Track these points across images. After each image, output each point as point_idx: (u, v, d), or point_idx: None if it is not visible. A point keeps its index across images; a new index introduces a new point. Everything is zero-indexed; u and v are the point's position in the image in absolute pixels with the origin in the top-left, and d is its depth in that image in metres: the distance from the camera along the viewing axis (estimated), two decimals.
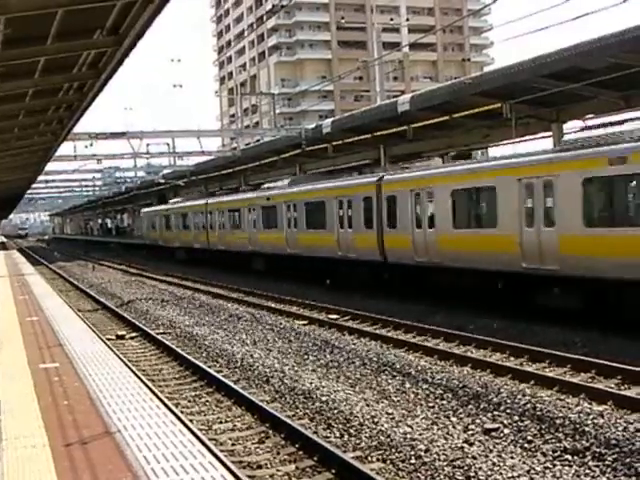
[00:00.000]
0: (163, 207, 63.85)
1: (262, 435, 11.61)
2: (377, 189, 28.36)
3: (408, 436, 11.03)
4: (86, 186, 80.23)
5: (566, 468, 9.65)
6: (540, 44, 49.63)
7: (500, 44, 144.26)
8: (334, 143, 38.54)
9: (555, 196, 19.65)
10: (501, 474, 9.47)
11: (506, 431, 11.18)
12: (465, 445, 10.61)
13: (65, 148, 37.22)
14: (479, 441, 10.79)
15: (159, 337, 20.98)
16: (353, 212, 30.12)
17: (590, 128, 20.65)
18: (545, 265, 20.06)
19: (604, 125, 19.73)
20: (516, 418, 11.72)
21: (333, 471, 9.85)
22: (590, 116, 27.07)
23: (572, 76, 23.41)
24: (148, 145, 44.52)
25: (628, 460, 9.69)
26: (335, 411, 12.58)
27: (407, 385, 14.34)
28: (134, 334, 22.60)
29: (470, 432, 11.24)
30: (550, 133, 28.60)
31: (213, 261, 49.42)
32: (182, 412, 12.00)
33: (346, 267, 31.35)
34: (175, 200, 62.33)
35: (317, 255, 33.29)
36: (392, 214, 27.39)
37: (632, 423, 11.11)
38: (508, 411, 12.12)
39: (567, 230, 19.32)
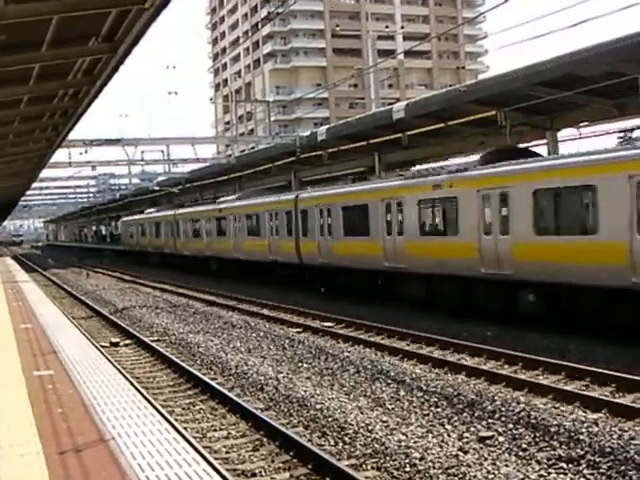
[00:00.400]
0: (139, 217, 70.99)
1: (256, 443, 11.59)
2: (295, 204, 34.80)
3: (403, 444, 11.02)
4: (80, 193, 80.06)
5: (561, 476, 9.65)
6: (535, 52, 49.77)
7: (495, 52, 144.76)
8: (329, 150, 38.51)
9: (403, 213, 26.50)
10: None
11: (501, 439, 11.18)
12: (460, 453, 10.61)
13: (60, 155, 37.32)
14: (474, 449, 10.78)
15: (153, 344, 20.95)
16: (279, 223, 36.88)
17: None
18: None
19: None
20: (511, 426, 11.72)
21: (328, 479, 9.84)
22: (584, 124, 27.20)
23: (566, 84, 23.45)
24: (143, 152, 44.50)
25: (623, 468, 9.69)
26: (329, 419, 12.57)
27: (401, 393, 14.33)
28: (128, 341, 22.56)
29: (465, 440, 11.24)
30: (545, 140, 28.64)
31: (180, 264, 55.97)
32: (176, 420, 11.96)
33: (276, 268, 37.68)
34: (149, 210, 68.26)
35: (255, 259, 40.30)
36: (305, 225, 33.98)
37: (627, 431, 11.12)
38: (503, 419, 12.12)
39: (410, 237, 26.06)
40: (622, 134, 20.14)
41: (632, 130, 19.89)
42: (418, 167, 27.19)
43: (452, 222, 23.89)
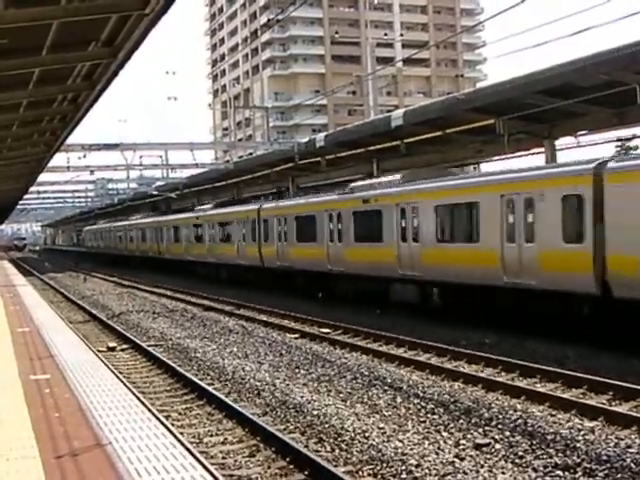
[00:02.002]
0: (97, 227, 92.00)
1: (253, 448, 11.58)
2: (258, 214, 39.08)
3: (399, 451, 11.01)
4: (79, 197, 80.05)
5: None
6: (533, 60, 49.93)
7: (493, 60, 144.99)
8: (327, 157, 38.57)
9: (342, 222, 30.49)
10: None
11: (497, 446, 11.18)
12: (456, 460, 10.61)
13: (58, 159, 37.37)
14: (470, 456, 10.78)
15: (150, 349, 20.94)
16: (246, 230, 40.78)
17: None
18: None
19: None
20: (507, 433, 11.72)
21: None
22: (583, 132, 27.24)
23: (565, 93, 23.50)
24: (141, 157, 44.53)
25: (619, 476, 9.70)
26: (326, 425, 12.56)
27: (398, 399, 14.32)
28: (125, 346, 22.54)
29: (461, 447, 11.24)
30: (543, 149, 28.68)
31: (132, 263, 68.63)
32: (173, 425, 11.96)
33: (243, 270, 42.27)
34: (106, 220, 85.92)
35: (226, 262, 44.90)
36: (266, 232, 37.94)
37: (623, 439, 11.14)
38: (499, 426, 12.12)
39: (349, 244, 30.11)
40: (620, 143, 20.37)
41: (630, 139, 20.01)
42: (353, 184, 31.91)
43: (378, 231, 27.91)
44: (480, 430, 12.04)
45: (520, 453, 10.82)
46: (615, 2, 19.16)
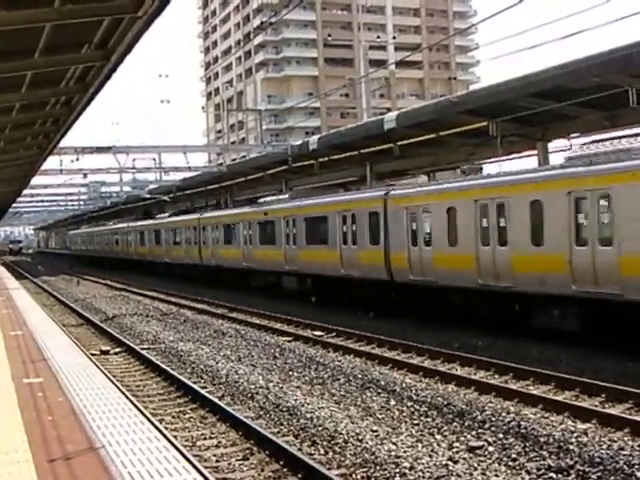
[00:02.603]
0: (79, 231, 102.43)
1: (247, 452, 11.58)
2: (198, 222, 47.87)
3: (393, 453, 11.02)
4: (71, 200, 79.95)
5: None
6: (526, 63, 50.01)
7: (486, 63, 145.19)
8: (320, 160, 38.58)
9: (252, 229, 38.15)
10: None
11: (490, 449, 11.19)
12: (450, 463, 10.61)
13: (51, 162, 37.31)
14: (463, 459, 10.79)
15: (144, 352, 20.91)
16: (188, 235, 49.91)
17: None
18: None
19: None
20: (500, 436, 11.73)
21: None
22: (575, 135, 27.29)
23: (558, 95, 23.55)
24: (134, 160, 44.47)
25: (612, 478, 9.73)
26: (320, 428, 12.56)
27: (392, 402, 14.33)
28: (118, 349, 22.52)
29: (455, 450, 11.25)
30: (535, 151, 28.74)
31: (107, 264, 77.86)
32: (166, 428, 11.95)
33: (190, 268, 50.53)
34: (86, 226, 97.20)
35: (178, 262, 52.88)
36: (205, 237, 46.44)
37: (616, 441, 11.16)
38: (493, 429, 12.13)
39: (256, 246, 38.33)
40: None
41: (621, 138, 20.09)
42: (262, 199, 40.66)
43: (271, 236, 36.18)
44: (473, 432, 12.05)
45: (513, 455, 10.84)
46: (608, 5, 19.20)
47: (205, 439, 12.44)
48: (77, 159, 39.58)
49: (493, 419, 12.63)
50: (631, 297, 17.27)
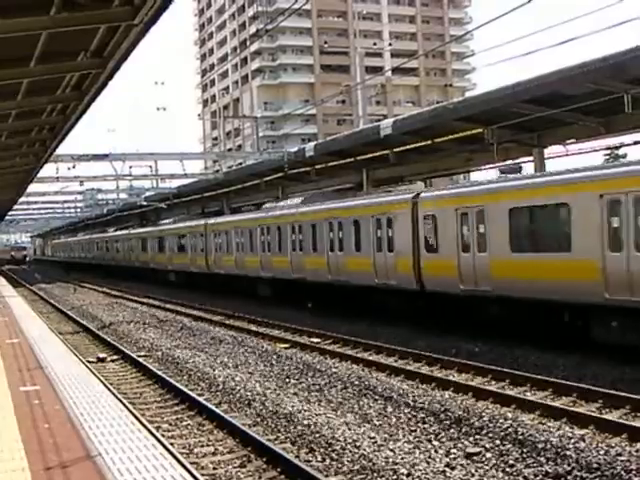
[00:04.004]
0: (60, 240, 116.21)
1: (244, 459, 11.56)
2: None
3: (390, 460, 11.01)
4: (68, 208, 79.90)
5: None
6: (522, 69, 50.10)
7: (482, 69, 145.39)
8: (317, 167, 38.59)
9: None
10: None
11: (488, 455, 11.18)
12: (447, 469, 10.61)
13: (47, 170, 37.32)
14: (461, 465, 10.79)
15: (140, 360, 20.89)
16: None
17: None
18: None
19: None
20: (498, 442, 11.73)
21: None
22: (571, 141, 27.35)
23: (553, 102, 23.60)
24: (131, 167, 44.39)
25: None
26: (317, 435, 12.55)
27: (389, 409, 14.32)
28: (115, 357, 22.49)
29: (452, 456, 11.24)
30: (532, 158, 28.79)
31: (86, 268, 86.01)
32: (163, 435, 11.92)
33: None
34: (66, 236, 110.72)
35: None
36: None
37: (613, 447, 11.15)
38: (490, 435, 12.13)
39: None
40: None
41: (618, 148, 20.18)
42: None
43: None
44: (471, 439, 12.04)
45: (511, 462, 10.83)
46: (603, 11, 19.27)
47: (202, 446, 12.42)
48: (73, 166, 39.53)
49: (490, 425, 12.62)
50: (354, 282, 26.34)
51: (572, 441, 11.47)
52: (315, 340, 23.91)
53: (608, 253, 17.79)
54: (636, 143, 20.48)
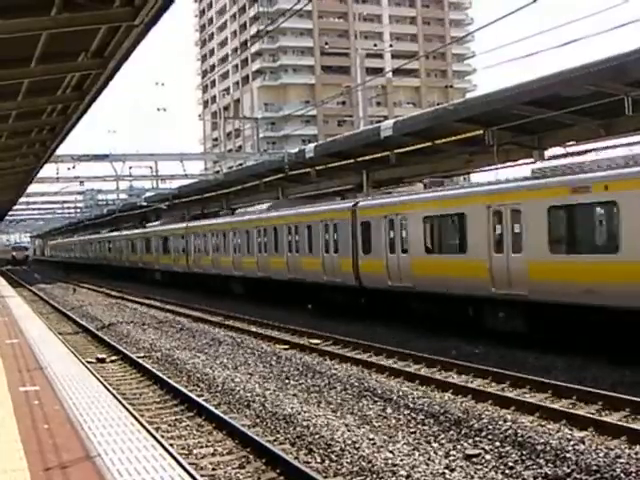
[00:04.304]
0: (55, 241, 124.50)
1: (243, 460, 11.55)
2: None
3: (389, 461, 11.00)
4: (68, 208, 79.93)
5: None
6: (523, 71, 49.93)
7: (483, 71, 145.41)
8: (317, 168, 38.59)
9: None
10: None
11: (487, 457, 11.18)
12: (446, 471, 10.60)
13: (47, 170, 37.34)
14: (460, 467, 10.78)
15: (140, 360, 20.88)
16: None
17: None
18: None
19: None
20: (497, 444, 11.72)
21: None
22: (571, 143, 27.33)
23: (553, 103, 23.60)
24: (131, 168, 44.42)
25: None
26: (316, 436, 12.54)
27: (388, 410, 14.32)
28: (115, 357, 22.49)
29: (451, 458, 11.23)
30: (532, 159, 28.77)
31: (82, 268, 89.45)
32: (162, 436, 11.92)
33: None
34: (62, 237, 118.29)
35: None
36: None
37: (613, 449, 11.14)
38: (489, 437, 12.12)
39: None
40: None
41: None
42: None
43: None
44: (470, 441, 12.04)
45: (510, 464, 10.82)
46: (604, 13, 19.27)
47: (201, 447, 12.41)
48: (74, 167, 39.57)
49: (490, 427, 12.62)
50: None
51: (572, 443, 11.47)
52: (315, 341, 23.90)
53: (493, 255, 21.55)
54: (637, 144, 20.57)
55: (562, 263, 19.36)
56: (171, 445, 11.15)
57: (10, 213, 74.62)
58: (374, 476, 10.48)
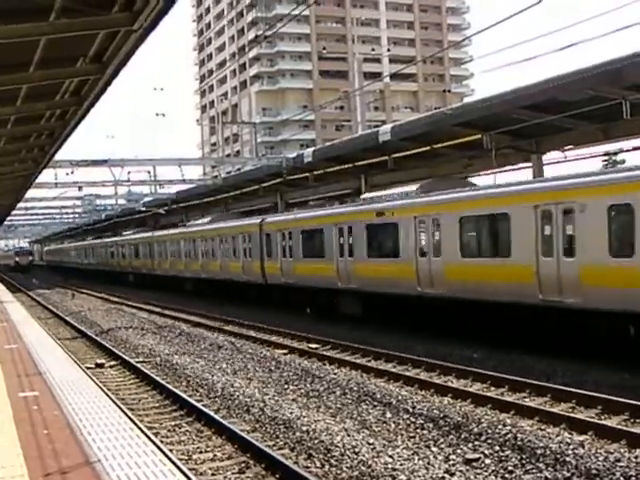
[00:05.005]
0: (52, 247, 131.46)
1: (242, 465, 11.54)
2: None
3: (389, 466, 10.99)
4: (66, 213, 79.91)
5: None
6: (520, 75, 50.06)
7: (480, 75, 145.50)
8: (315, 172, 38.61)
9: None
10: None
11: (487, 461, 11.17)
12: (446, 475, 10.60)
13: (46, 175, 37.26)
14: (460, 471, 10.78)
15: (139, 366, 20.87)
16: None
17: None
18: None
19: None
20: (497, 448, 11.72)
21: None
22: (569, 147, 27.36)
23: (551, 108, 23.62)
24: (129, 173, 44.41)
25: None
26: (316, 441, 12.53)
27: (388, 415, 14.31)
28: (114, 362, 22.46)
29: (451, 462, 11.22)
30: (530, 164, 28.80)
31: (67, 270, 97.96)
32: (162, 441, 11.91)
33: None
34: (56, 243, 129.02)
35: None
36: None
37: (612, 453, 11.14)
38: (489, 441, 12.11)
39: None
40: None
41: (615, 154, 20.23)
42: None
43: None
44: (470, 445, 12.03)
45: (510, 468, 10.82)
46: (604, 16, 19.27)
47: (201, 452, 12.40)
48: (72, 172, 39.58)
49: (489, 431, 12.61)
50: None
51: (571, 447, 11.47)
52: (314, 346, 23.89)
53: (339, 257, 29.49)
54: (635, 149, 20.61)
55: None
56: (170, 450, 11.14)
57: (8, 218, 74.53)
58: None
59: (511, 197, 21.07)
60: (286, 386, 17.67)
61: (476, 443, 12.09)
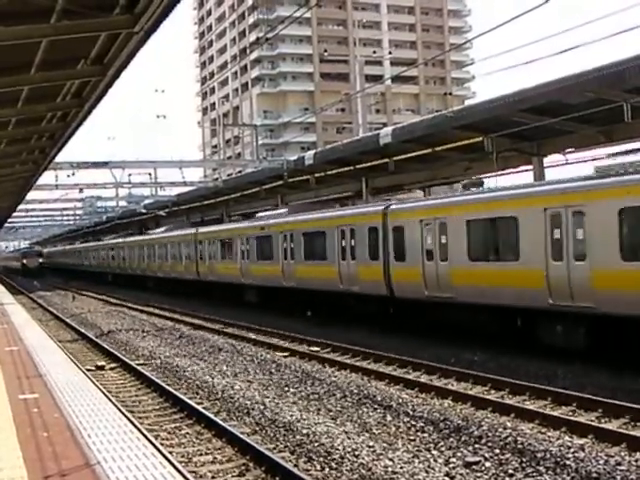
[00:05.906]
0: (54, 248, 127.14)
1: (243, 468, 11.53)
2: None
3: (389, 469, 10.98)
4: (67, 215, 79.91)
5: None
6: (522, 78, 50.01)
7: (481, 78, 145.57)
8: (316, 175, 38.59)
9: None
10: None
11: (487, 464, 11.16)
12: (446, 478, 10.59)
13: (47, 177, 37.21)
14: (460, 474, 10.76)
15: (139, 368, 20.86)
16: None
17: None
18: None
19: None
20: (497, 451, 11.71)
21: None
22: (570, 150, 27.35)
23: (552, 110, 23.61)
24: (130, 175, 44.40)
25: None
26: (316, 444, 12.52)
27: (388, 418, 14.30)
28: (114, 365, 22.46)
29: (451, 465, 11.21)
30: (531, 166, 28.79)
31: (63, 272, 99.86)
32: (162, 444, 11.90)
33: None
34: (52, 247, 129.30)
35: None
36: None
37: (613, 456, 11.13)
38: (489, 444, 12.10)
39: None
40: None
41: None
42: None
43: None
44: (470, 448, 12.02)
45: (510, 471, 10.81)
46: (604, 20, 19.29)
47: (201, 455, 12.39)
48: (73, 174, 39.55)
49: (490, 434, 12.60)
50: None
51: (572, 450, 11.46)
52: (314, 349, 23.88)
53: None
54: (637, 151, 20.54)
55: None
56: (170, 453, 11.12)
57: (9, 220, 74.54)
58: None
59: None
60: (286, 389, 17.65)
61: (476, 446, 12.08)
